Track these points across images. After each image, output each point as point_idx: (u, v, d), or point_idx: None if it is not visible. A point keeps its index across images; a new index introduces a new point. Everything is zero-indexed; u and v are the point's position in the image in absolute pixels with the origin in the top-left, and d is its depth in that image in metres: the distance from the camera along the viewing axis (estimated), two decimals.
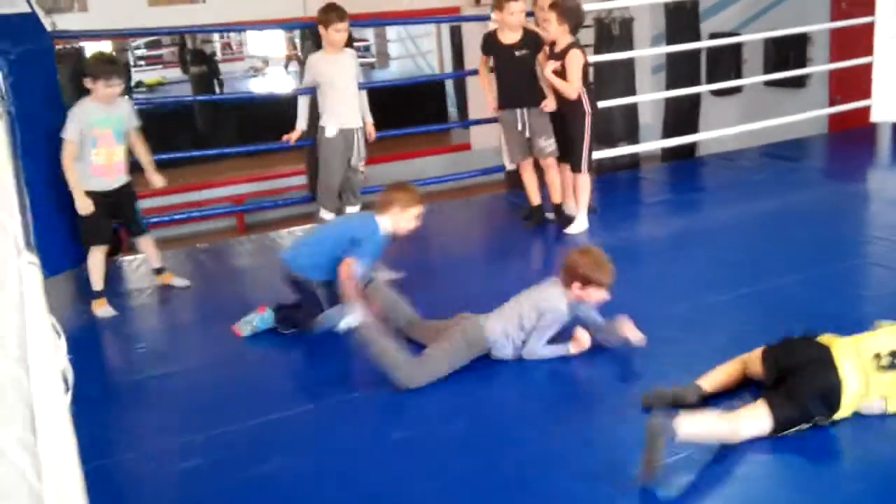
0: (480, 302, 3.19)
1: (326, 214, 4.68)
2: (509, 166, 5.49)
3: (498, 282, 3.90)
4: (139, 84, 14.63)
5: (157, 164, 4.26)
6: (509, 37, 4.60)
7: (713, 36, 7.98)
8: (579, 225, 4.71)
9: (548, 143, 4.66)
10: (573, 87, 4.46)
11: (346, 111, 4.60)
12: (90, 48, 6.60)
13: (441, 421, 2.68)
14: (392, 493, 2.31)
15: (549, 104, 4.60)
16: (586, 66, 4.53)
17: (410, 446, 2.53)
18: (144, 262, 4.69)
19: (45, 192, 4.05)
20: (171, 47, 15.46)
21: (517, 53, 4.58)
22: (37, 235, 2.56)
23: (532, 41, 4.61)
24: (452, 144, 10.92)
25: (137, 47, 16.06)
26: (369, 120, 4.82)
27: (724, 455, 2.37)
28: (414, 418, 2.73)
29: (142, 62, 16.40)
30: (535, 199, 4.84)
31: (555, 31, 4.45)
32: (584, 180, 4.68)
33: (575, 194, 4.74)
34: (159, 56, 16.38)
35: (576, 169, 4.65)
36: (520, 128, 4.66)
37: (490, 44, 4.71)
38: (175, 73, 15.61)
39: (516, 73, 4.63)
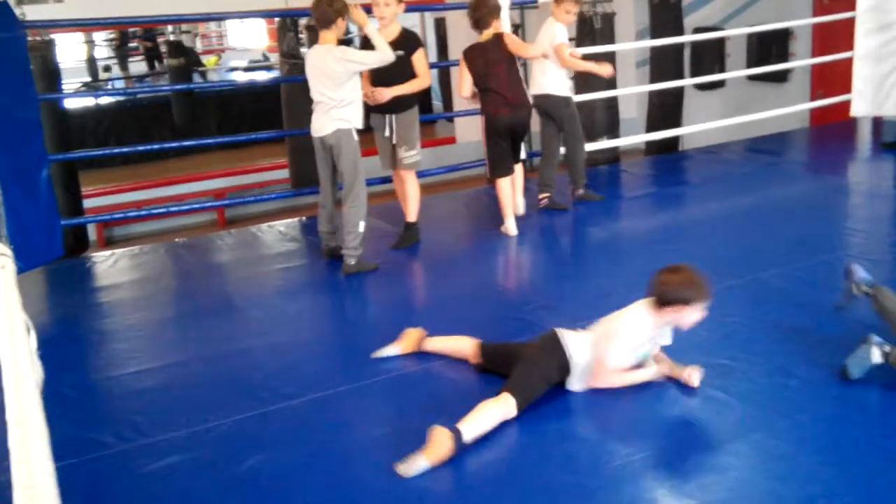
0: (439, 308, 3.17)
1: (362, 227, 4.06)
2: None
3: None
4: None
5: (134, 157, 4.19)
6: (384, 35, 4.19)
7: (697, 30, 8.01)
8: (505, 228, 4.61)
9: (408, 155, 4.38)
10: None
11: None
12: (62, 39, 6.48)
13: (424, 416, 2.64)
14: (377, 489, 2.28)
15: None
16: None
17: (393, 442, 2.50)
18: (119, 257, 4.61)
19: (20, 184, 3.97)
20: (145, 40, 15.25)
21: None
22: (10, 228, 2.51)
23: (409, 42, 4.26)
24: (437, 138, 10.88)
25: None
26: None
27: (702, 446, 2.37)
28: (397, 414, 2.70)
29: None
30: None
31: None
32: (497, 184, 4.59)
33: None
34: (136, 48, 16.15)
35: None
36: (387, 133, 4.36)
37: (369, 43, 4.26)
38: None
39: (388, 76, 4.22)
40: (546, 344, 2.70)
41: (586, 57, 5.24)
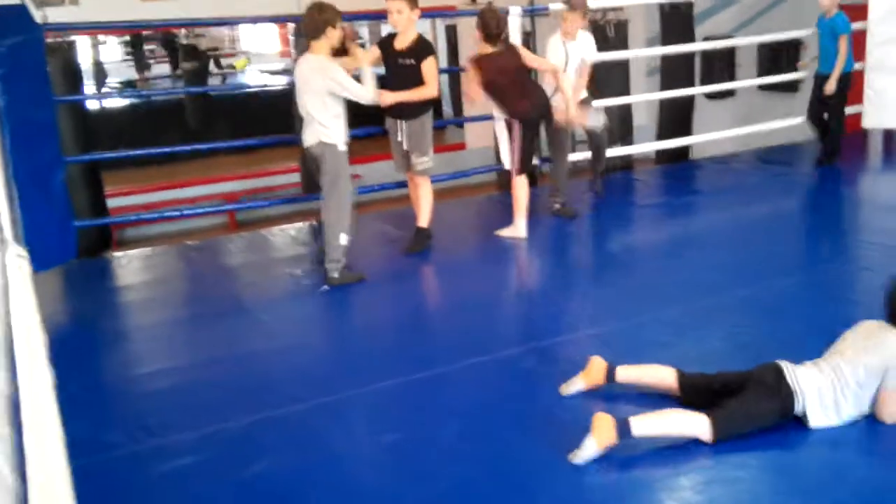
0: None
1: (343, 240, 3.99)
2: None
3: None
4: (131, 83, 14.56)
5: (147, 161, 4.20)
6: (399, 41, 4.25)
7: (708, 39, 8.00)
8: (512, 230, 4.60)
9: (420, 161, 4.37)
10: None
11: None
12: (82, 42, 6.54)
13: (432, 423, 2.65)
14: (382, 497, 2.29)
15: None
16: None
17: (401, 449, 2.51)
18: (130, 259, 4.63)
19: (35, 185, 4.01)
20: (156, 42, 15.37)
21: (400, 61, 4.26)
22: (26, 229, 2.54)
23: (420, 50, 4.23)
24: (447, 144, 10.90)
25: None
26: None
27: (712, 459, 2.37)
28: (405, 421, 2.70)
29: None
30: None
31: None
32: (516, 182, 4.60)
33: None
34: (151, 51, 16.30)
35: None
36: (399, 139, 4.39)
37: (383, 46, 4.38)
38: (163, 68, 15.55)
39: (399, 82, 4.26)
40: (770, 382, 2.41)
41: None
